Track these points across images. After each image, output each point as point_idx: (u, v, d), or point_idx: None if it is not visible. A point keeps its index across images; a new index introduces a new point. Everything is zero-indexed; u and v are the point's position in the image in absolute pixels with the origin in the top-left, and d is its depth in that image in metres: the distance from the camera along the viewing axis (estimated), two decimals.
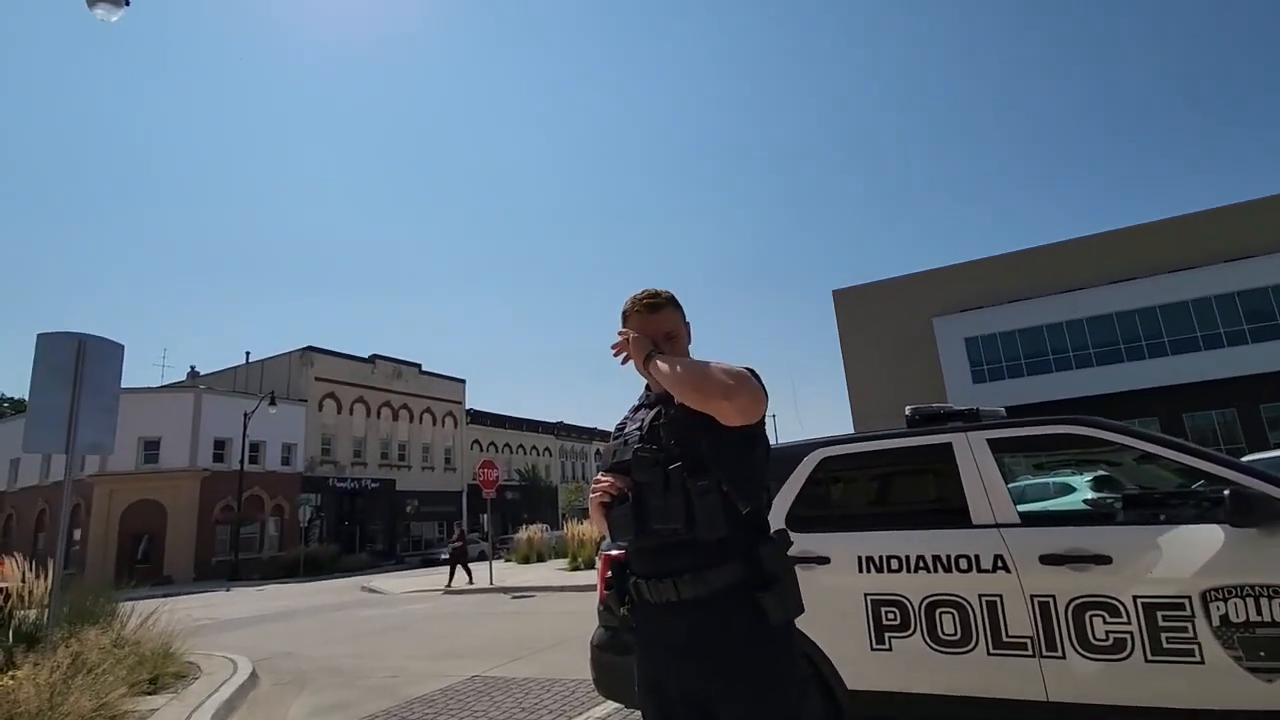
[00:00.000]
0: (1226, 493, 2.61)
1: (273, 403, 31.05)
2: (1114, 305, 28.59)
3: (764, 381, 1.59)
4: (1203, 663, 2.52)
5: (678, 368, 1.57)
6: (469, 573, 17.51)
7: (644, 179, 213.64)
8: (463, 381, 49.32)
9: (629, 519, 1.56)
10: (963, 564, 2.98)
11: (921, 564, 3.05)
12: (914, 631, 3.00)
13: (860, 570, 3.14)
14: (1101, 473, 11.42)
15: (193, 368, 42.53)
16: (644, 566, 1.60)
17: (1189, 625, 2.56)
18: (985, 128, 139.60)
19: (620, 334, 1.74)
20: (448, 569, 18.04)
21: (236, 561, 30.38)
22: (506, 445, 53.44)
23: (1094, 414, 3.39)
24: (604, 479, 1.66)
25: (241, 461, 31.51)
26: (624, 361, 1.73)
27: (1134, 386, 27.19)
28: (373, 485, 40.50)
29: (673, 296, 1.79)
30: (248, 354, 41.38)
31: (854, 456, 3.58)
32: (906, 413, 3.60)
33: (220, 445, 33.53)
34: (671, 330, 1.73)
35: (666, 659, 1.54)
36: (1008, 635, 2.84)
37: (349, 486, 39.26)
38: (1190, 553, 2.65)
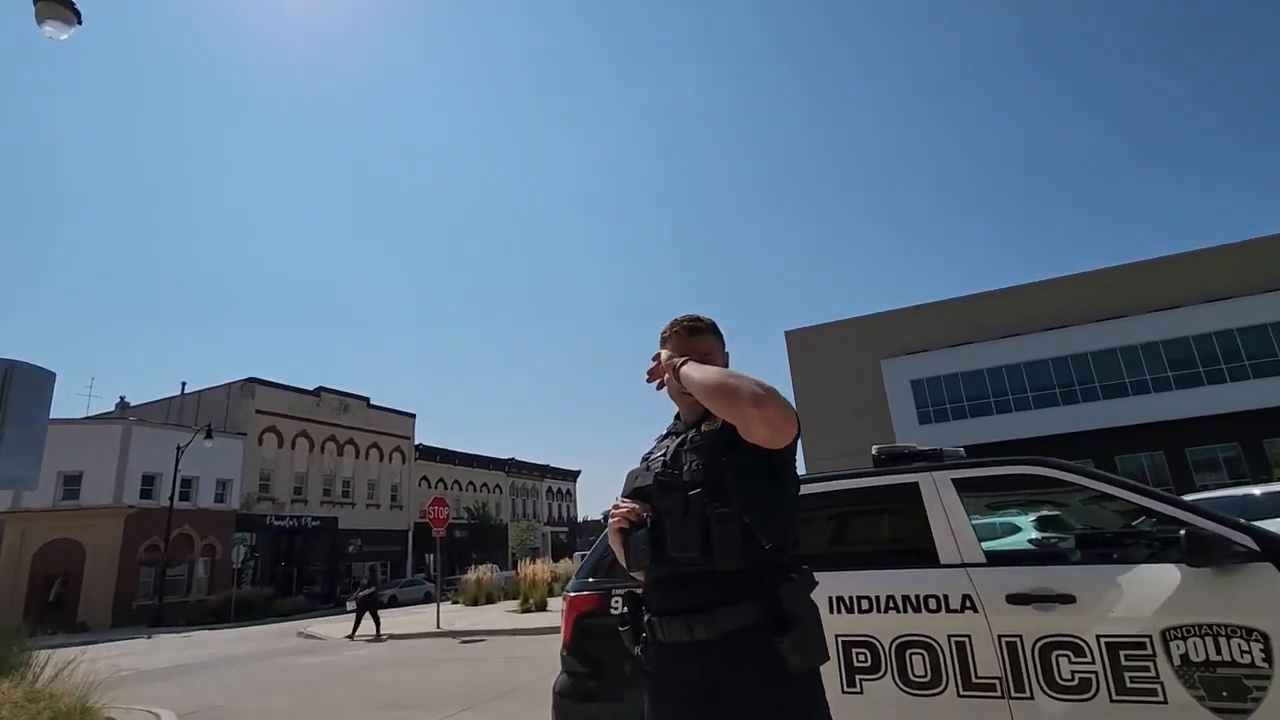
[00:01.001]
0: (1183, 533, 2.69)
1: (209, 436, 29.58)
2: (1050, 351, 29.99)
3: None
4: (1166, 702, 2.56)
5: (709, 373, 1.55)
6: (376, 622, 16.11)
7: (600, 217, 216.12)
8: (412, 416, 48.15)
9: (646, 545, 1.52)
10: (932, 604, 2.99)
11: (892, 604, 3.05)
12: (885, 673, 2.98)
13: (831, 610, 3.11)
14: (1045, 512, 11.74)
15: (122, 398, 40.29)
16: (658, 601, 1.54)
17: (1151, 664, 2.61)
18: (940, 174, 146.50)
19: (654, 358, 1.73)
20: (354, 616, 17.01)
21: (160, 605, 28.44)
22: (456, 482, 52.09)
23: (1034, 454, 3.49)
24: (623, 504, 1.63)
25: (171, 498, 29.74)
26: (659, 387, 1.73)
27: (1070, 429, 28.36)
28: (313, 524, 38.76)
29: (714, 324, 1.79)
30: (184, 384, 39.60)
31: (822, 495, 3.58)
32: (873, 452, 3.64)
33: (149, 481, 31.65)
34: (709, 355, 1.71)
35: (675, 704, 1.47)
36: (977, 676, 2.84)
37: (287, 525, 37.48)
38: (1149, 592, 2.71)
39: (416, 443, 48.42)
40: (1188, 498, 11.20)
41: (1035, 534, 11.11)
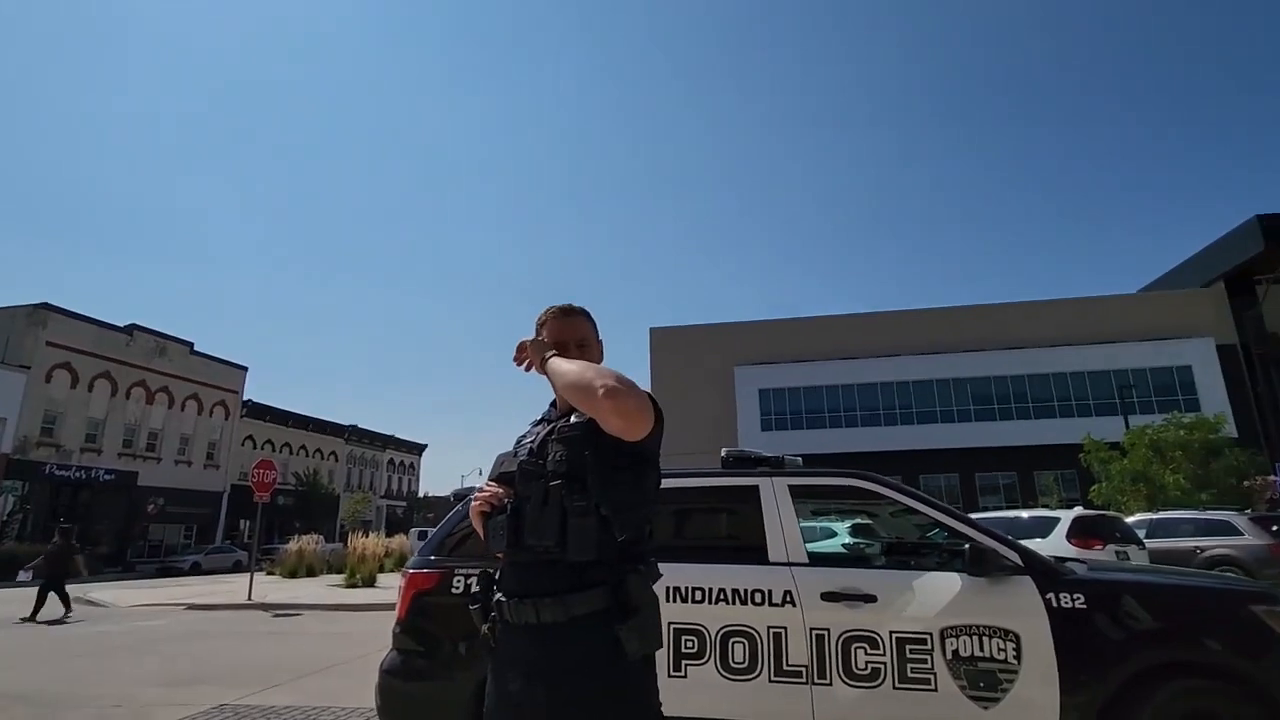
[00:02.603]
0: (967, 547, 3.15)
1: None
2: (879, 376, 33.25)
3: (661, 411, 1.59)
4: (936, 690, 2.98)
5: (570, 367, 1.57)
6: (65, 601, 12.20)
7: (478, 188, 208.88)
8: (244, 369, 43.85)
9: (504, 531, 1.56)
10: (757, 598, 3.25)
11: (722, 596, 3.27)
12: (708, 659, 3.20)
13: (668, 600, 3.28)
14: (858, 521, 13.02)
15: None
16: (511, 584, 1.57)
17: (929, 658, 3.02)
18: (829, 196, 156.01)
19: (520, 342, 1.75)
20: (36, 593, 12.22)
21: None
22: (286, 445, 48.21)
23: (857, 468, 3.91)
24: (487, 488, 1.67)
25: None
26: (526, 369, 1.74)
27: (888, 448, 31.56)
28: (106, 477, 34.18)
29: (587, 310, 1.83)
30: None
31: (670, 491, 3.75)
32: (722, 454, 3.87)
33: None
34: (583, 339, 1.75)
35: (515, 682, 1.50)
36: (788, 664, 3.14)
37: (73, 476, 32.76)
38: (935, 595, 3.14)
39: (245, 398, 44.20)
40: (987, 515, 12.92)
41: (849, 539, 12.32)
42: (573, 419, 1.63)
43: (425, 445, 67.89)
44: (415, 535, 26.69)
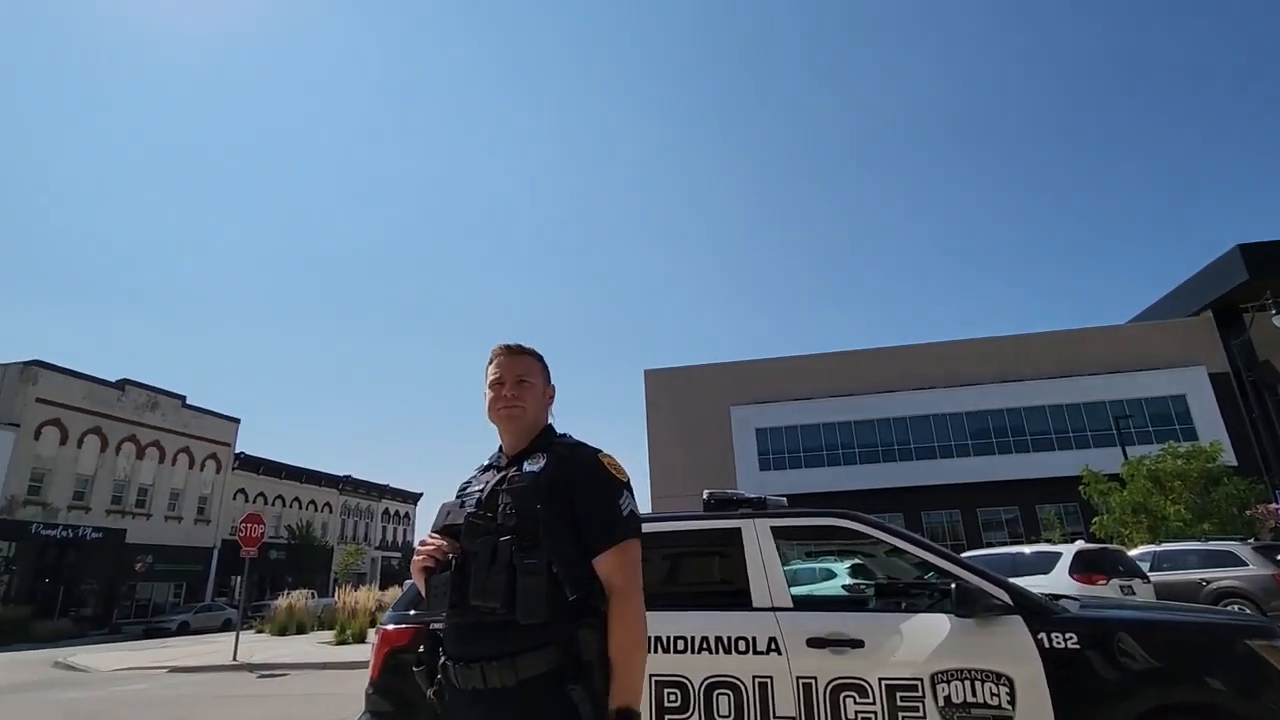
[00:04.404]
0: (953, 586, 3.05)
1: None
2: (877, 412, 33.13)
3: (633, 491, 1.63)
4: None
5: (638, 668, 1.44)
6: None
7: (462, 235, 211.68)
8: (236, 421, 43.50)
9: (447, 589, 1.46)
10: (741, 645, 3.13)
11: (705, 645, 3.15)
12: (692, 714, 3.06)
13: (649, 650, 3.16)
14: (857, 561, 12.80)
15: None
16: (455, 647, 1.48)
17: (921, 705, 2.89)
18: (817, 231, 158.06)
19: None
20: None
21: None
22: (280, 497, 47.51)
23: (855, 507, 3.83)
24: (431, 541, 1.57)
25: None
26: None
27: (888, 484, 31.31)
28: (94, 535, 33.50)
29: (536, 351, 1.81)
30: None
31: (651, 536, 3.65)
32: (704, 496, 3.80)
33: None
34: (523, 375, 1.71)
35: None
36: (775, 716, 3.00)
37: (60, 535, 32.09)
38: (924, 639, 3.02)
39: (237, 451, 43.73)
40: (976, 553, 12.71)
41: (847, 580, 12.09)
42: (525, 467, 1.58)
43: (420, 494, 67.05)
44: (410, 587, 26.08)
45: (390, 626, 3.50)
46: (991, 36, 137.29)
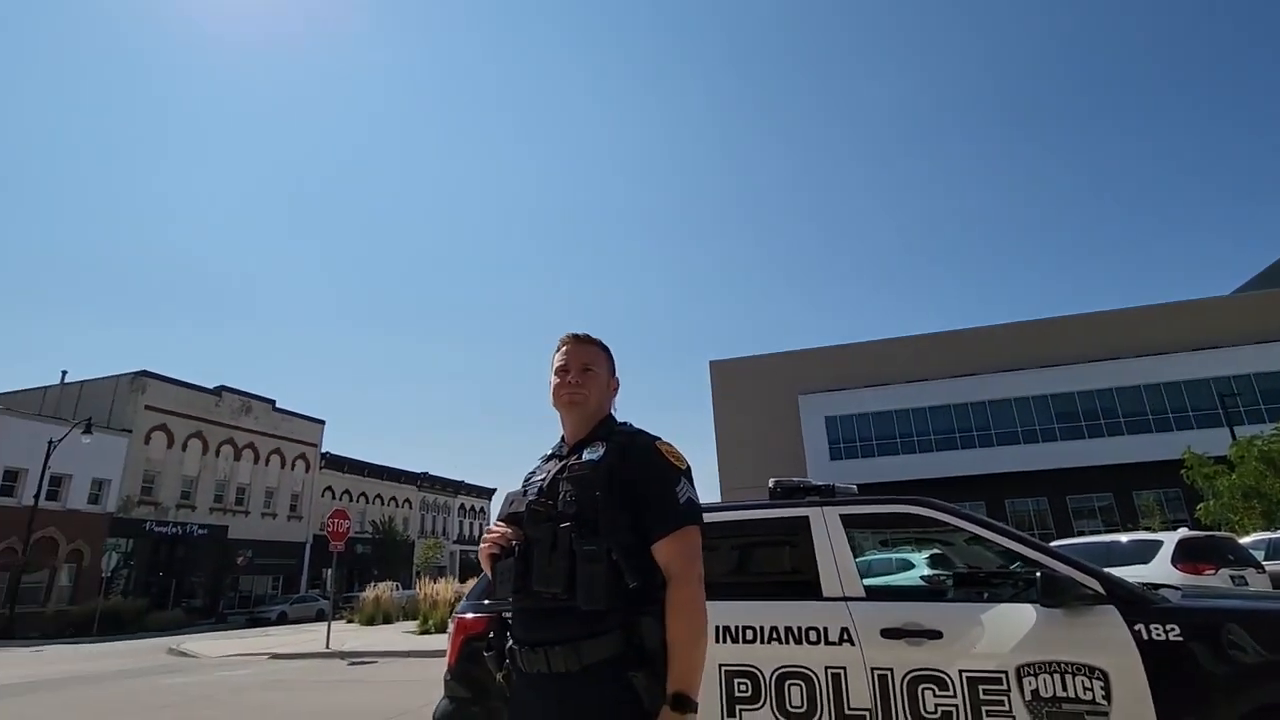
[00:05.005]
0: (1039, 575, 2.88)
1: (87, 430, 27.17)
2: (952, 397, 31.80)
3: (692, 478, 1.61)
4: None
5: (698, 657, 1.43)
6: None
7: (535, 233, 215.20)
8: (321, 422, 45.86)
9: (511, 576, 1.50)
10: (812, 636, 3.05)
11: (775, 635, 3.09)
12: (764, 704, 3.01)
13: (717, 640, 3.13)
14: (936, 551, 12.34)
15: None
16: (521, 631, 1.52)
17: (1005, 699, 2.75)
18: (883, 218, 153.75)
19: None
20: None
21: (12, 616, 25.68)
22: (363, 494, 49.83)
23: (933, 495, 3.67)
24: (496, 529, 1.61)
25: (36, 497, 27.04)
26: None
27: (966, 472, 30.04)
28: (200, 532, 36.09)
29: (602, 342, 1.82)
30: (64, 374, 36.31)
31: (716, 525, 3.63)
32: (770, 485, 3.72)
33: (11, 476, 28.68)
34: (589, 364, 1.72)
35: None
36: (849, 708, 2.91)
37: (170, 532, 34.73)
38: (1008, 630, 2.87)
39: (323, 450, 46.11)
40: (1066, 542, 12.05)
41: (926, 570, 11.67)
42: (584, 455, 1.58)
43: (494, 489, 68.92)
44: (483, 578, 26.83)
45: (466, 615, 3.59)
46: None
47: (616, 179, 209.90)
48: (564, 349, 1.74)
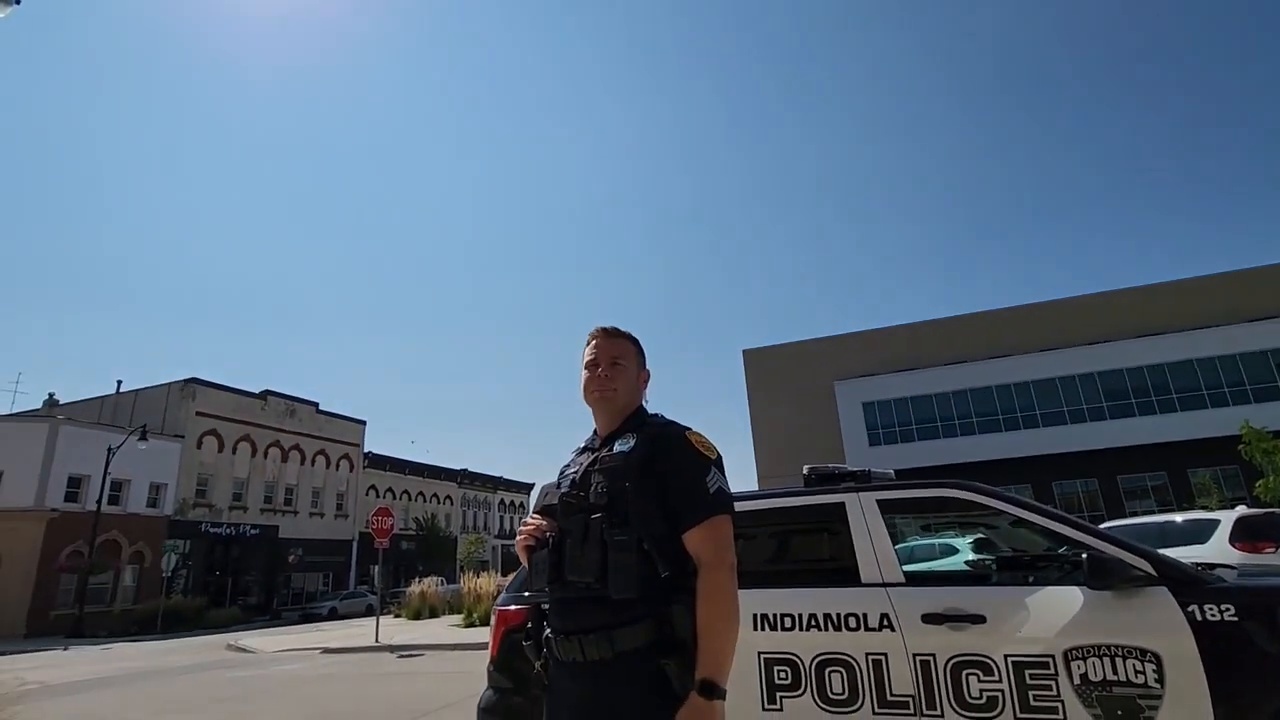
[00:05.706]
0: (1085, 556, 2.81)
1: (143, 437, 28.32)
2: (995, 378, 31.03)
3: (723, 467, 1.61)
4: None
5: (729, 642, 1.43)
6: None
7: (564, 227, 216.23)
8: (363, 423, 46.95)
9: (545, 566, 1.54)
10: (852, 622, 3.03)
11: (814, 622, 3.08)
12: (805, 691, 3.00)
13: (755, 628, 3.13)
14: (980, 535, 12.09)
15: (51, 395, 38.26)
16: (557, 620, 1.56)
17: (1053, 684, 2.69)
18: (911, 200, 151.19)
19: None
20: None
21: (81, 615, 26.95)
22: (405, 492, 50.92)
23: (975, 479, 3.60)
24: (532, 521, 1.66)
25: (99, 502, 28.29)
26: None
27: (1011, 454, 29.32)
28: (252, 532, 37.35)
29: (632, 335, 1.83)
30: (119, 383, 37.87)
31: (751, 514, 3.62)
32: (804, 472, 3.70)
33: (75, 483, 30.08)
34: (618, 357, 1.74)
35: None
36: (892, 694, 2.89)
37: (224, 532, 36.03)
38: (1054, 613, 2.81)
39: (366, 450, 47.22)
40: (1117, 523, 11.70)
41: (970, 555, 11.45)
42: (615, 447, 1.60)
43: (533, 484, 69.75)
44: (522, 570, 27.23)
45: (508, 608, 3.65)
46: None
47: (646, 173, 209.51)
48: (593, 343, 1.76)
